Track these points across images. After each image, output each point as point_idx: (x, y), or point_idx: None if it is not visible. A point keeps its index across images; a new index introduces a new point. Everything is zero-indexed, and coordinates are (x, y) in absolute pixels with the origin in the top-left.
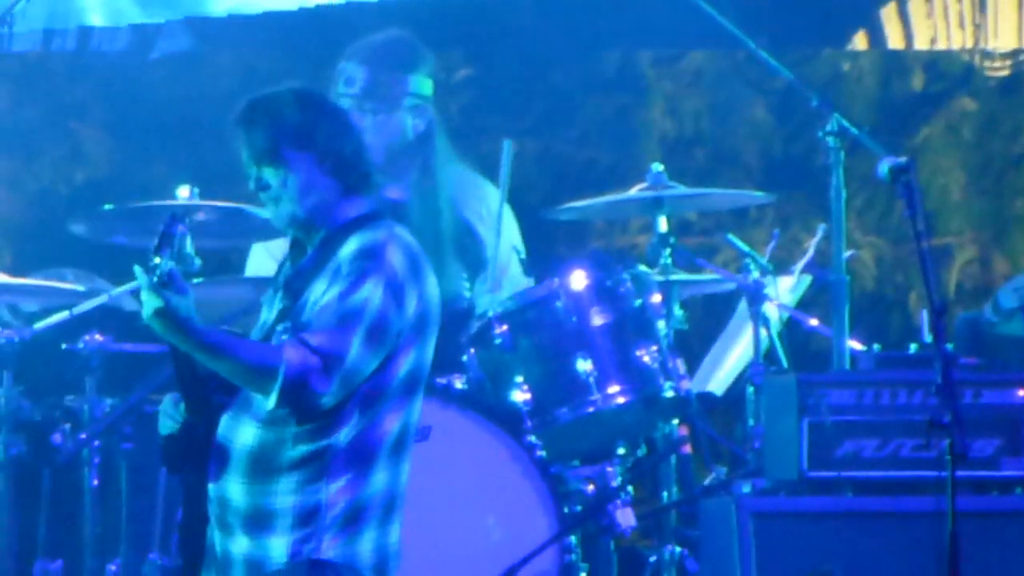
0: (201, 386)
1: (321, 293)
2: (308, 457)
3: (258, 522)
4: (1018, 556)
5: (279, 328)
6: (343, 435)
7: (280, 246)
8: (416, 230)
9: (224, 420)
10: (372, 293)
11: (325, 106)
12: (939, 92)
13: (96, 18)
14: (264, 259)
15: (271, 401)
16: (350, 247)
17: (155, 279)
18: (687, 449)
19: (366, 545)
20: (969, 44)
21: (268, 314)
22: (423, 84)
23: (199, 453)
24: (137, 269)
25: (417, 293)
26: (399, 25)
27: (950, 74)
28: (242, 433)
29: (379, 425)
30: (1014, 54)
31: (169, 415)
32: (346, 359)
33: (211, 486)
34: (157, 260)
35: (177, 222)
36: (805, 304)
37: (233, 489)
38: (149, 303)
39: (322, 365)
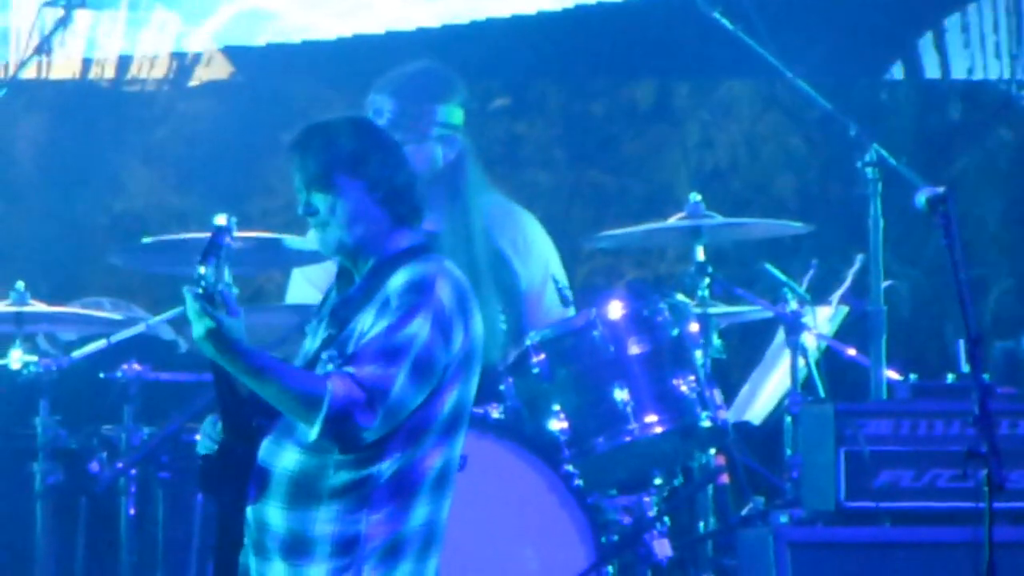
0: (241, 408)
1: (369, 325)
2: (349, 486)
3: (296, 548)
4: None
5: (323, 356)
6: (385, 467)
7: (318, 273)
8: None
9: (266, 444)
10: (420, 328)
11: (380, 136)
12: (976, 122)
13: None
14: (304, 287)
15: (313, 432)
16: (399, 279)
17: (200, 291)
18: (724, 479)
19: None
20: (1006, 74)
21: (312, 342)
22: (452, 114)
23: (235, 476)
24: (186, 291)
25: (464, 329)
26: (437, 54)
27: (987, 104)
28: (284, 457)
29: (422, 460)
30: None
31: (208, 435)
32: (391, 394)
33: (249, 509)
34: (202, 270)
35: (225, 233)
36: (842, 334)
37: (272, 513)
38: (201, 323)
39: (367, 399)
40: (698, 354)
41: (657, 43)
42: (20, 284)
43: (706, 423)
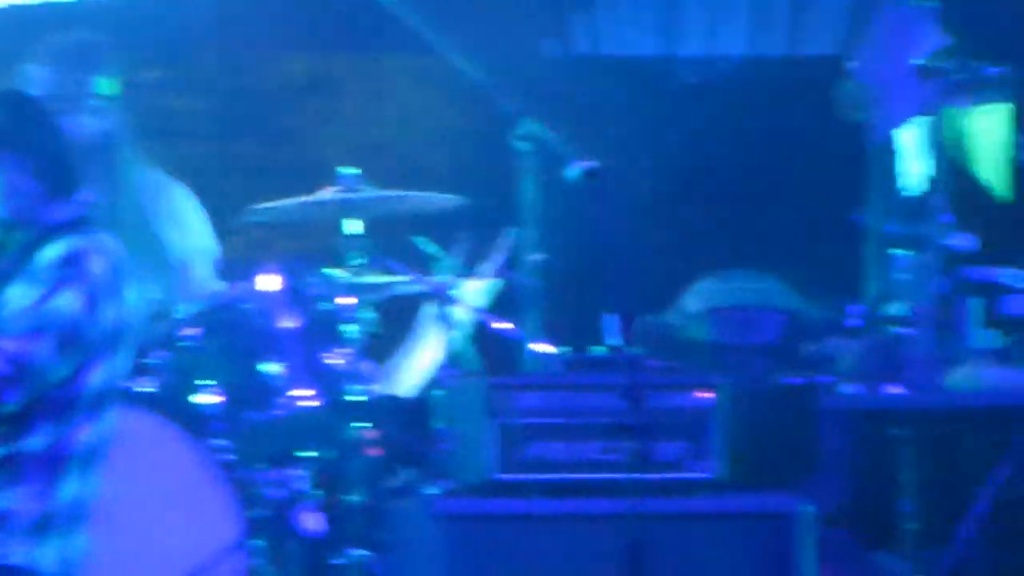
0: None
1: (19, 297)
2: None
3: None
4: (702, 557)
5: None
6: (35, 443)
7: None
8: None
9: None
10: (69, 302)
11: (31, 108)
12: (629, 96)
13: None
14: None
15: None
16: (52, 252)
17: None
18: (376, 452)
19: (51, 552)
20: (659, 49)
21: None
22: (107, 85)
23: None
24: None
25: (115, 304)
26: (93, 26)
27: (640, 78)
28: None
29: (72, 435)
30: (706, 60)
31: None
32: (35, 366)
33: None
34: None
35: None
36: (495, 307)
37: None
38: None
39: (11, 372)
40: (350, 327)
41: (313, 16)
42: None
43: (358, 396)
